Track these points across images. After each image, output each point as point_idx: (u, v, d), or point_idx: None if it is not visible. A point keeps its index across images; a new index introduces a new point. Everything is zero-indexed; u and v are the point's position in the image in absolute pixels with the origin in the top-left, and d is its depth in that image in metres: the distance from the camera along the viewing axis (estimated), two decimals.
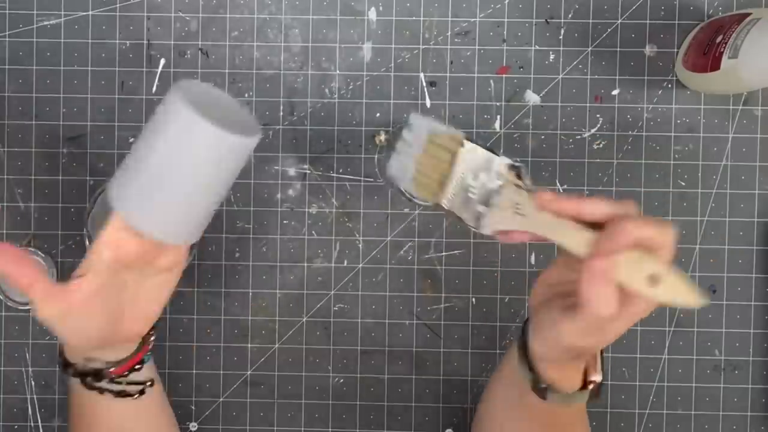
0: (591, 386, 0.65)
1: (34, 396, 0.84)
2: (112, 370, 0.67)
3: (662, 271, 0.55)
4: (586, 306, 0.55)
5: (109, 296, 0.62)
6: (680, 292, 0.55)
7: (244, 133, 0.60)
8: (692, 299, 0.55)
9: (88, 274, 0.60)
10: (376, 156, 0.83)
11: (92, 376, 0.67)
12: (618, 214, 0.56)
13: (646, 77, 0.83)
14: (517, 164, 0.61)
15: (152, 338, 0.69)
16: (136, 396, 0.68)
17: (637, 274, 0.55)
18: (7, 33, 0.83)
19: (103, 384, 0.67)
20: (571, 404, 0.65)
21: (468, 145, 0.62)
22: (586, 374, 0.66)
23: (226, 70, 0.83)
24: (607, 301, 0.55)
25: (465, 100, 0.83)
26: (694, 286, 0.55)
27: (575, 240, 0.57)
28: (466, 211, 0.63)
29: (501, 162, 0.61)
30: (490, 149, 0.62)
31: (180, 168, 0.60)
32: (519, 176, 0.61)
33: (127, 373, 0.67)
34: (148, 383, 0.69)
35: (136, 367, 0.68)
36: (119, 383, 0.67)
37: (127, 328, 0.64)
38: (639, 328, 0.84)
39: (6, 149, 0.84)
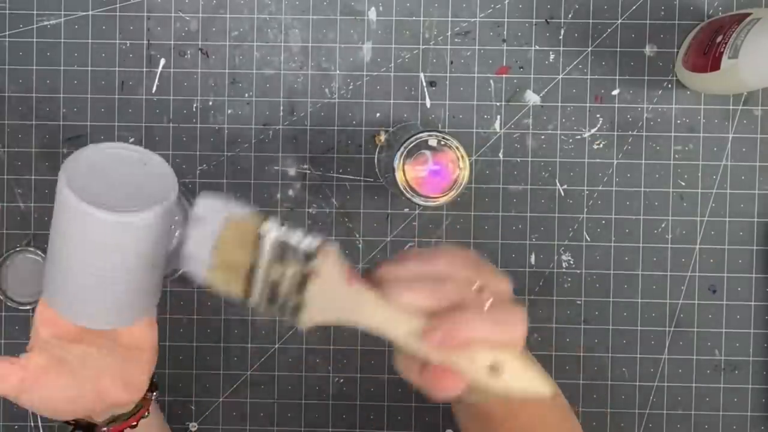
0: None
1: None
2: (104, 429, 0.66)
3: (503, 360, 0.51)
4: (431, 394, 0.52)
5: (72, 371, 0.61)
6: (524, 381, 0.51)
7: (150, 199, 0.55)
8: (538, 388, 0.51)
9: (32, 351, 0.61)
10: (375, 156, 0.83)
11: (85, 429, 0.66)
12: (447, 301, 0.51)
13: (646, 77, 0.83)
14: (326, 248, 0.53)
15: (152, 398, 0.68)
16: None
17: (476, 365, 0.51)
18: (7, 33, 0.83)
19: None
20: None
21: (271, 227, 0.53)
22: None
23: (226, 70, 0.83)
24: (451, 390, 0.51)
25: (465, 100, 0.83)
26: (539, 373, 0.51)
27: (403, 329, 0.51)
28: (277, 307, 0.54)
29: (305, 248, 0.53)
30: (293, 229, 0.54)
31: (76, 255, 0.57)
32: (328, 259, 0.53)
33: (122, 431, 0.67)
34: None
35: (132, 424, 0.67)
36: None
37: (111, 397, 0.63)
38: (639, 328, 0.84)
39: (6, 149, 0.84)
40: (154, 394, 0.69)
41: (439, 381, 0.51)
